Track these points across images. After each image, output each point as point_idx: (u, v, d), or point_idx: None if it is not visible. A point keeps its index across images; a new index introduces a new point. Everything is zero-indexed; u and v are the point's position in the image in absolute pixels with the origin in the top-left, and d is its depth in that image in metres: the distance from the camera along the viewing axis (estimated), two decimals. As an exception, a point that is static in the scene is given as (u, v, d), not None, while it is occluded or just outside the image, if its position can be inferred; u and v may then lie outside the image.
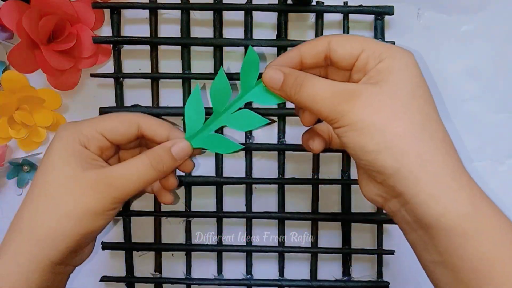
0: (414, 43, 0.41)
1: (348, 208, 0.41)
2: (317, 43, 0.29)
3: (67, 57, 0.39)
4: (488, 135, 0.41)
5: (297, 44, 0.38)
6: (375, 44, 0.27)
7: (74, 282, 0.43)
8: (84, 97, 0.41)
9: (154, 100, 0.41)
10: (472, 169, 0.41)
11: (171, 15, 0.40)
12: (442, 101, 0.41)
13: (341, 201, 0.42)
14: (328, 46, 0.28)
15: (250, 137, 0.41)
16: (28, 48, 0.37)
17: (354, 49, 0.28)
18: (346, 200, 0.41)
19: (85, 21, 0.39)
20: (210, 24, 0.40)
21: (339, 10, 0.39)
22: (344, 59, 0.28)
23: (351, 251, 0.41)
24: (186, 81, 0.40)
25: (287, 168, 0.41)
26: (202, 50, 0.40)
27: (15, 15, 0.36)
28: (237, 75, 0.37)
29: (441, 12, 0.40)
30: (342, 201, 0.41)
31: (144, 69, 0.41)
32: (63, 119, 0.41)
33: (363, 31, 0.40)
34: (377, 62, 0.27)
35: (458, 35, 0.41)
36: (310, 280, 0.41)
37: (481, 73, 0.41)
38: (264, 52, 0.40)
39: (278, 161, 0.41)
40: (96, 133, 0.31)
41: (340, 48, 0.28)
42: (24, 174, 0.41)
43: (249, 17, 0.40)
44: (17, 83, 0.40)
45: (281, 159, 0.41)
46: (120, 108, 0.40)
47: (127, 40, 0.39)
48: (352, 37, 0.28)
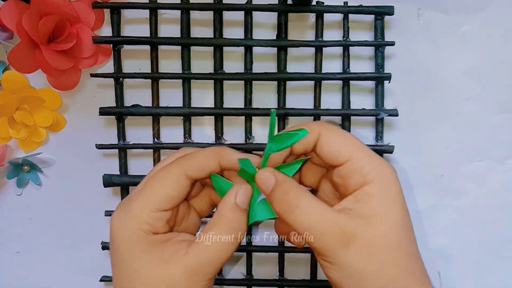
0: (414, 43, 0.41)
1: (348, 208, 0.41)
2: (308, 136, 0.28)
3: (67, 57, 0.39)
4: (488, 135, 0.41)
5: (297, 44, 0.39)
6: (363, 157, 0.27)
7: (74, 282, 0.43)
8: (84, 97, 0.41)
9: (154, 100, 0.41)
10: (472, 169, 0.41)
11: (171, 15, 0.40)
12: (442, 101, 0.41)
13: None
14: (317, 138, 0.28)
15: (250, 137, 0.41)
16: (28, 48, 0.37)
17: (340, 155, 0.28)
18: (346, 200, 0.41)
19: (85, 21, 0.39)
20: (210, 24, 0.40)
21: (339, 10, 0.39)
22: (327, 158, 0.28)
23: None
24: (186, 81, 0.40)
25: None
26: (202, 50, 0.40)
27: (15, 15, 0.36)
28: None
29: (441, 12, 0.40)
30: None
31: (144, 69, 0.41)
32: (63, 119, 0.41)
33: (363, 31, 0.40)
34: (362, 181, 0.27)
35: (458, 35, 0.41)
36: (310, 280, 0.41)
37: (481, 73, 0.41)
38: (264, 52, 0.40)
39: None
40: (154, 213, 0.28)
41: (327, 147, 0.28)
42: (24, 174, 0.41)
43: (249, 17, 0.40)
44: (17, 83, 0.40)
45: (281, 159, 0.41)
46: (120, 108, 0.40)
47: (127, 40, 0.39)
48: (341, 139, 0.28)
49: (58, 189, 0.42)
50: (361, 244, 0.26)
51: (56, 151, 0.42)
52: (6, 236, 0.43)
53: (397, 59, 0.41)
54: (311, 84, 0.40)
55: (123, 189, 0.41)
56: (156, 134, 0.41)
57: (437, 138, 0.41)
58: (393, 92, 0.41)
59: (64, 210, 0.42)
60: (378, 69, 0.40)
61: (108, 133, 0.41)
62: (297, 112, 0.40)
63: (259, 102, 0.41)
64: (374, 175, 0.27)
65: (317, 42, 0.39)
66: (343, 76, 0.39)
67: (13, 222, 0.43)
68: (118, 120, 0.41)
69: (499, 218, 0.42)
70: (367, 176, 0.27)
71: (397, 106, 0.40)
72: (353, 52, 0.40)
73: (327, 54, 0.40)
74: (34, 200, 0.42)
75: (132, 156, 0.42)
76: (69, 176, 0.42)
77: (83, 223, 0.42)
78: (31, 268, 0.43)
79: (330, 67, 0.41)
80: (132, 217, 0.28)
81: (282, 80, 0.40)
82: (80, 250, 0.43)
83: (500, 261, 0.42)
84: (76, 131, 0.42)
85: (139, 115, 0.40)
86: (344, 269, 0.26)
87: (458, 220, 0.42)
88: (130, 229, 0.27)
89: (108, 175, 0.40)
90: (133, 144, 0.41)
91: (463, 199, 0.42)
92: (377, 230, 0.26)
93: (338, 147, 0.28)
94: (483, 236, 0.42)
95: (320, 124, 0.29)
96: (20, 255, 0.43)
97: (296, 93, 0.41)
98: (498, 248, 0.42)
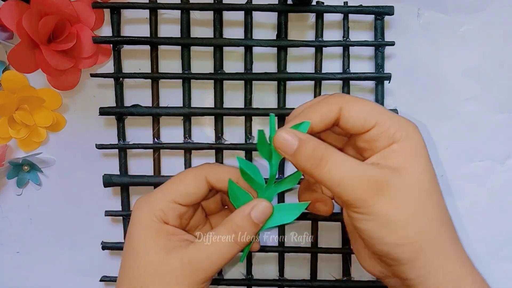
0: (414, 43, 0.41)
1: (348, 208, 0.41)
2: (328, 111, 0.28)
3: (67, 57, 0.39)
4: (488, 135, 0.41)
5: (297, 44, 0.39)
6: (388, 120, 0.28)
7: (74, 282, 0.43)
8: (84, 97, 0.41)
9: (154, 100, 0.41)
10: (472, 169, 0.41)
11: (171, 15, 0.40)
12: (442, 101, 0.41)
13: (341, 201, 0.42)
14: (339, 112, 0.28)
15: (250, 137, 0.41)
16: (28, 48, 0.37)
17: (366, 122, 0.28)
18: (346, 200, 0.41)
19: (85, 21, 0.39)
20: (210, 24, 0.40)
21: (339, 10, 0.39)
22: (353, 128, 0.28)
23: (351, 251, 0.41)
24: (186, 81, 0.40)
25: (286, 167, 0.41)
26: (202, 50, 0.40)
27: (15, 15, 0.36)
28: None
29: (441, 12, 0.40)
30: (342, 201, 0.41)
31: (144, 69, 0.41)
32: (63, 119, 0.41)
33: (363, 31, 0.40)
34: (390, 141, 0.27)
35: (458, 35, 0.41)
36: (310, 280, 0.41)
37: (481, 73, 0.41)
38: (264, 52, 0.40)
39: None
40: (170, 203, 0.30)
41: (352, 119, 0.28)
42: (24, 174, 0.41)
43: (249, 17, 0.40)
44: (17, 83, 0.40)
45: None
46: (120, 108, 0.40)
47: (127, 40, 0.39)
48: (364, 107, 0.28)
49: (58, 189, 0.42)
50: (392, 192, 0.26)
51: (56, 151, 0.42)
52: (6, 236, 0.43)
53: (397, 59, 0.41)
54: (311, 84, 0.40)
55: (123, 189, 0.41)
56: (156, 134, 0.41)
57: (437, 138, 0.41)
58: (393, 92, 0.41)
59: (64, 210, 0.42)
60: (378, 69, 0.40)
61: (108, 133, 0.41)
62: (297, 112, 0.40)
63: (259, 102, 0.41)
64: (401, 134, 0.27)
65: (317, 42, 0.39)
66: (343, 76, 0.39)
67: (13, 222, 0.43)
68: (118, 120, 0.41)
69: (499, 218, 0.42)
70: (394, 136, 0.27)
71: (397, 106, 0.40)
72: (353, 52, 0.40)
73: (327, 54, 0.40)
74: (34, 200, 0.42)
75: (132, 156, 0.42)
76: (69, 176, 0.42)
77: (83, 223, 0.42)
78: (31, 268, 0.43)
79: (330, 67, 0.41)
80: (149, 202, 0.30)
81: (282, 80, 0.40)
82: (80, 250, 0.43)
83: (500, 261, 0.42)
84: (76, 131, 0.42)
85: (139, 115, 0.40)
86: (377, 218, 0.26)
87: (458, 220, 0.42)
88: (145, 213, 0.30)
89: (108, 175, 0.40)
90: (133, 144, 0.41)
91: (463, 199, 0.42)
92: (407, 180, 0.27)
93: (363, 115, 0.28)
94: (483, 236, 0.42)
95: (339, 97, 0.29)
96: (20, 255, 0.43)
97: (296, 93, 0.41)
98: (498, 248, 0.42)
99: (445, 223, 0.27)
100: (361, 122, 0.28)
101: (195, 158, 0.41)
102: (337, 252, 0.41)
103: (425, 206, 0.27)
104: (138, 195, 0.42)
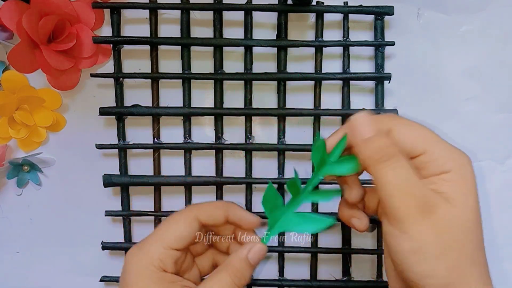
0: (414, 43, 0.41)
1: (348, 208, 0.41)
2: (379, 129, 0.28)
3: (67, 57, 0.39)
4: (488, 135, 0.41)
5: (297, 44, 0.39)
6: (436, 149, 0.27)
7: (74, 282, 0.43)
8: (84, 97, 0.41)
9: (154, 100, 0.41)
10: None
11: (171, 15, 0.40)
12: (442, 101, 0.41)
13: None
14: (389, 133, 0.28)
15: (250, 137, 0.41)
16: (28, 48, 0.37)
17: (413, 149, 0.27)
18: (346, 200, 0.41)
19: (85, 21, 0.39)
20: (210, 24, 0.40)
21: (339, 10, 0.39)
22: (400, 152, 0.27)
23: (351, 251, 0.41)
24: (186, 81, 0.40)
25: (287, 168, 0.41)
26: (202, 50, 0.40)
27: (15, 15, 0.36)
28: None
29: (441, 12, 0.40)
30: (342, 201, 0.41)
31: (144, 69, 0.41)
32: (63, 119, 0.41)
33: (363, 31, 0.40)
34: (440, 170, 0.27)
35: (458, 35, 0.41)
36: (310, 280, 0.41)
37: (481, 73, 0.41)
38: (264, 52, 0.40)
39: (278, 161, 0.41)
40: (166, 249, 0.30)
41: (399, 142, 0.27)
42: (24, 174, 0.41)
43: (249, 17, 0.40)
44: (17, 83, 0.40)
45: (281, 159, 0.41)
46: (120, 108, 0.40)
47: (127, 40, 0.39)
48: (413, 132, 0.28)
49: (58, 189, 0.42)
50: (436, 218, 0.25)
51: (56, 151, 0.42)
52: (6, 236, 0.43)
53: (397, 59, 0.41)
54: (311, 84, 0.40)
55: (123, 189, 0.41)
56: (156, 134, 0.41)
57: (437, 138, 0.41)
58: (393, 92, 0.41)
59: (64, 210, 0.42)
60: (378, 69, 0.40)
61: (108, 133, 0.41)
62: (297, 112, 0.40)
63: (259, 102, 0.41)
64: (451, 166, 0.27)
65: (317, 42, 0.39)
66: (343, 76, 0.39)
67: (13, 222, 0.43)
68: (118, 120, 0.41)
69: (499, 218, 0.42)
70: (443, 166, 0.27)
71: (397, 106, 0.40)
72: (353, 52, 0.40)
73: (327, 54, 0.40)
74: (34, 200, 0.42)
75: (132, 156, 0.42)
76: (69, 176, 0.42)
77: (83, 223, 0.42)
78: (31, 268, 0.43)
79: (330, 67, 0.41)
80: (146, 253, 0.30)
81: (282, 80, 0.40)
82: (80, 250, 0.43)
83: (500, 261, 0.42)
84: (76, 131, 0.42)
85: (139, 115, 0.40)
86: (415, 239, 0.25)
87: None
88: (143, 263, 0.29)
89: (108, 175, 0.40)
90: (133, 144, 0.41)
91: (463, 199, 0.42)
92: (454, 211, 0.26)
93: (410, 141, 0.27)
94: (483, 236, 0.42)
95: (391, 118, 0.29)
96: (20, 255, 0.43)
97: (296, 93, 0.41)
98: (498, 248, 0.42)
99: (477, 263, 0.26)
100: (407, 148, 0.27)
101: (195, 158, 0.41)
102: (337, 252, 0.41)
103: (462, 242, 0.26)
104: (138, 195, 0.42)
